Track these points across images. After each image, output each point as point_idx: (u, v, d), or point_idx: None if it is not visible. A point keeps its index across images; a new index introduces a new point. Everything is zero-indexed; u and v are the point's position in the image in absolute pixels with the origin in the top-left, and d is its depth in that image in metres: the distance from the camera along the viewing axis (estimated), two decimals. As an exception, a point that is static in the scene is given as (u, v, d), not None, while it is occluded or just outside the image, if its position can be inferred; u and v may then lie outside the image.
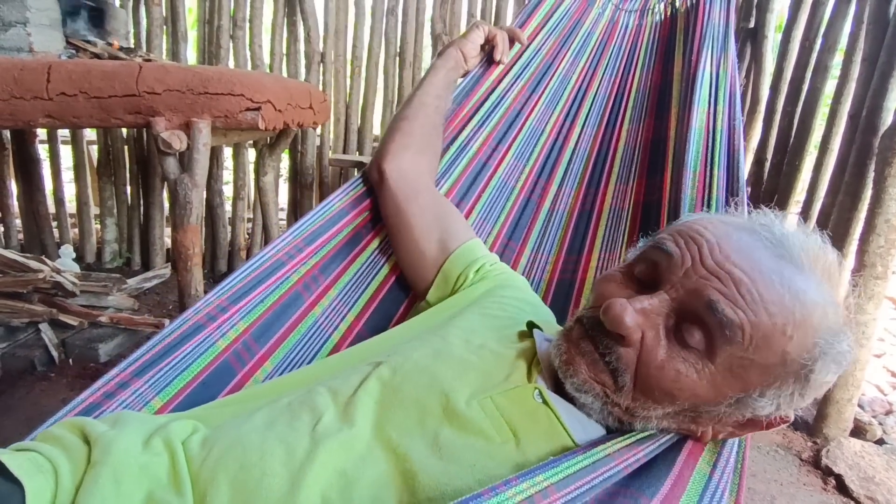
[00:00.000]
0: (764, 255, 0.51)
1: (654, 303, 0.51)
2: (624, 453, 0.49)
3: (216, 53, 2.64)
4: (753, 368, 0.49)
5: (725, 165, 0.95)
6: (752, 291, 0.48)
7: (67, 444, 0.51)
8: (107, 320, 1.89)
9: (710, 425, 0.54)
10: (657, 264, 0.54)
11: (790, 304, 0.48)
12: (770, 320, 0.47)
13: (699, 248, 0.51)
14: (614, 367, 0.52)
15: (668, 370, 0.50)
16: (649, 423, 0.54)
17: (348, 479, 0.49)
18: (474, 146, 1.09)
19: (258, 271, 0.79)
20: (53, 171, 2.82)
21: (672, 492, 0.49)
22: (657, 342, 0.51)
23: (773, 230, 0.53)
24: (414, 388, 0.56)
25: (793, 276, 0.49)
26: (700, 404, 0.51)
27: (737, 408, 0.51)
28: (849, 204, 1.57)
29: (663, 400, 0.51)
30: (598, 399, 0.54)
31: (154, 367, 0.67)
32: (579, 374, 0.54)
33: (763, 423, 0.52)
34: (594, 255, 1.05)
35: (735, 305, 0.48)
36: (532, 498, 0.40)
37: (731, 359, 0.49)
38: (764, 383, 0.49)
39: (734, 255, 0.50)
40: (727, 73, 1.10)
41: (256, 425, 0.54)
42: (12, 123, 1.44)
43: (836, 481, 1.49)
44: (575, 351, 0.54)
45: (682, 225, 0.56)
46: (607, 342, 0.52)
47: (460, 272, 0.84)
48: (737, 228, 0.54)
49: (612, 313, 0.50)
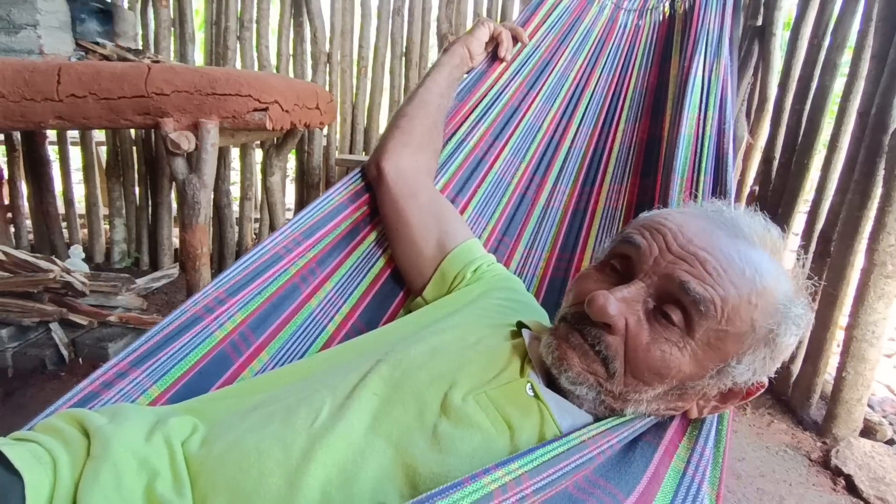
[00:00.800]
0: (720, 235, 0.56)
1: (633, 291, 0.55)
2: (598, 440, 0.52)
3: (223, 54, 2.65)
4: (728, 339, 0.54)
5: (713, 171, 0.97)
6: (717, 268, 0.53)
7: (67, 436, 0.51)
8: (116, 320, 1.90)
9: (696, 401, 0.58)
10: (628, 257, 0.58)
11: (750, 275, 0.53)
12: (737, 292, 0.53)
13: (663, 236, 0.56)
14: (604, 355, 0.55)
15: (655, 351, 0.54)
16: (640, 407, 0.57)
17: (348, 474, 0.50)
18: (472, 141, 1.10)
19: (257, 264, 0.81)
20: (63, 173, 2.85)
21: (648, 489, 0.52)
22: (640, 327, 0.55)
23: (723, 214, 0.60)
24: (413, 384, 0.58)
25: (748, 251, 0.55)
26: (686, 380, 0.55)
27: (718, 378, 0.56)
28: (858, 202, 1.56)
29: (653, 380, 0.55)
30: (593, 389, 0.57)
31: (152, 356, 0.68)
32: (573, 368, 0.56)
33: (743, 391, 0.57)
34: (587, 255, 1.06)
35: (704, 283, 0.53)
36: (505, 485, 0.42)
37: (709, 332, 0.53)
38: (739, 351, 0.54)
39: (695, 238, 0.55)
40: (719, 79, 1.10)
41: (253, 424, 0.55)
42: (23, 125, 1.46)
43: (846, 482, 1.48)
44: (566, 345, 0.57)
45: (645, 219, 0.61)
46: (595, 333, 0.56)
47: (458, 272, 0.85)
48: (693, 216, 0.59)
49: (597, 304, 0.54)
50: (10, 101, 1.41)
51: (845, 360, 1.60)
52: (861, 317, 1.55)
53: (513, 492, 0.42)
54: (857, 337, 1.57)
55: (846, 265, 1.61)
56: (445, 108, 1.03)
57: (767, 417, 1.77)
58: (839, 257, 1.62)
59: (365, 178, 0.97)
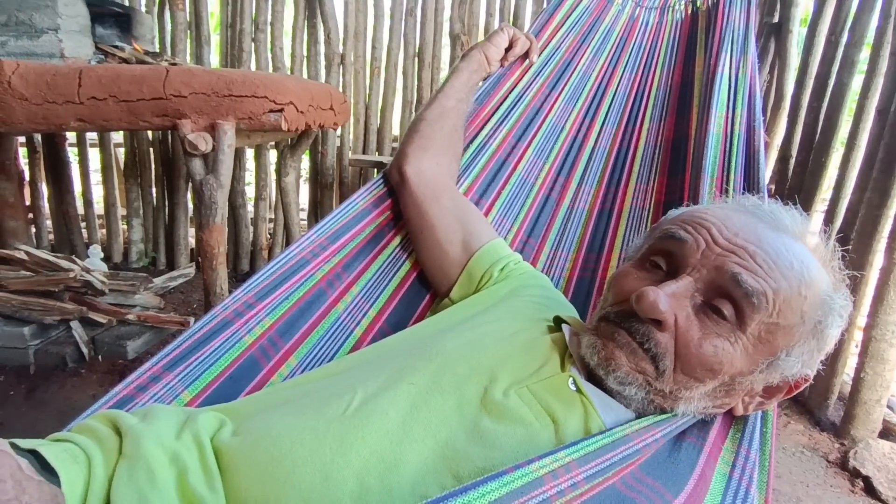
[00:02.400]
0: (764, 228, 0.56)
1: (682, 285, 0.54)
2: (641, 433, 0.51)
3: (238, 56, 2.68)
4: (779, 332, 0.53)
5: (743, 169, 0.96)
6: (767, 261, 0.53)
7: (101, 435, 0.52)
8: (134, 318, 1.93)
9: (742, 397, 0.57)
10: (671, 253, 0.57)
11: (798, 268, 0.53)
12: (787, 284, 0.52)
13: (708, 230, 0.56)
14: (653, 353, 0.54)
15: (707, 346, 0.53)
16: (691, 405, 0.56)
17: (387, 464, 0.49)
18: (494, 143, 1.10)
19: (283, 269, 0.81)
20: (82, 174, 2.90)
21: (696, 490, 0.51)
22: (690, 322, 0.54)
23: (762, 208, 0.59)
24: (452, 377, 0.57)
25: (793, 244, 0.55)
26: (736, 375, 0.54)
27: (768, 372, 0.55)
28: (877, 201, 1.54)
29: (705, 377, 0.54)
30: (642, 389, 0.56)
31: (184, 361, 0.69)
32: (621, 367, 0.55)
33: (789, 384, 0.56)
34: (614, 254, 1.05)
35: (756, 275, 0.52)
36: (555, 471, 0.42)
37: (760, 326, 0.53)
38: (789, 344, 0.54)
39: (741, 232, 0.55)
40: (746, 76, 1.09)
41: (284, 415, 0.55)
42: (45, 127, 1.49)
43: (864, 483, 1.46)
44: (612, 345, 0.56)
45: (682, 215, 0.60)
46: (644, 330, 0.54)
47: (485, 271, 0.85)
48: (733, 210, 0.59)
49: (647, 301, 0.52)
50: (33, 103, 1.45)
51: (864, 361, 1.58)
52: (880, 317, 1.53)
53: (563, 478, 0.42)
54: (875, 337, 1.55)
55: (865, 264, 1.58)
56: (464, 112, 1.03)
57: (784, 418, 1.75)
58: (858, 256, 1.60)
59: (386, 184, 0.97)
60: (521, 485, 0.39)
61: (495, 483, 0.39)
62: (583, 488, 0.43)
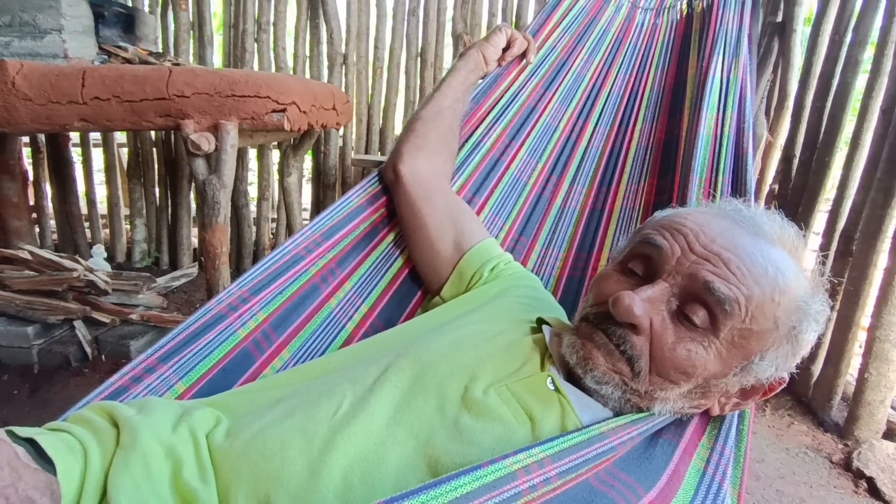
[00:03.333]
0: (742, 234, 0.57)
1: (657, 291, 0.55)
2: (618, 431, 0.52)
3: (241, 56, 2.69)
4: (752, 337, 0.54)
5: (731, 171, 0.97)
6: (741, 268, 0.54)
7: (97, 426, 0.53)
8: (137, 318, 1.94)
9: (717, 398, 0.59)
10: (649, 258, 0.59)
11: (773, 274, 0.54)
12: (760, 290, 0.53)
13: (685, 237, 0.57)
14: (629, 354, 0.56)
15: (680, 350, 0.54)
16: (667, 405, 0.57)
17: (370, 464, 0.51)
18: (488, 142, 1.11)
19: (278, 264, 0.82)
20: (85, 174, 2.91)
21: (668, 485, 0.52)
22: (665, 326, 0.55)
23: (742, 213, 0.60)
24: (434, 377, 0.58)
25: (769, 250, 0.56)
26: (710, 378, 0.56)
27: (742, 375, 0.56)
28: (881, 201, 1.53)
29: (679, 379, 0.55)
30: (618, 388, 0.57)
31: (178, 353, 0.70)
32: (598, 367, 0.57)
33: (764, 387, 0.58)
34: (604, 254, 1.06)
35: (728, 282, 0.53)
36: (528, 467, 0.43)
37: (733, 331, 0.54)
38: (763, 348, 0.55)
39: (717, 238, 0.56)
40: (738, 78, 1.10)
41: (276, 416, 0.56)
42: (49, 127, 1.49)
43: (868, 484, 1.46)
44: (591, 345, 0.58)
45: (663, 220, 0.61)
46: (620, 332, 0.56)
47: (475, 271, 0.86)
48: (713, 215, 0.60)
49: (623, 305, 0.54)
50: (37, 104, 1.45)
51: (867, 361, 1.57)
52: (884, 317, 1.53)
53: (536, 473, 0.42)
54: (879, 337, 1.54)
55: (869, 264, 1.58)
56: (461, 111, 1.04)
57: (787, 419, 1.74)
58: (861, 256, 1.59)
59: (381, 181, 0.98)
60: (494, 479, 0.40)
61: (469, 477, 0.40)
62: (555, 483, 0.43)
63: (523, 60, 1.17)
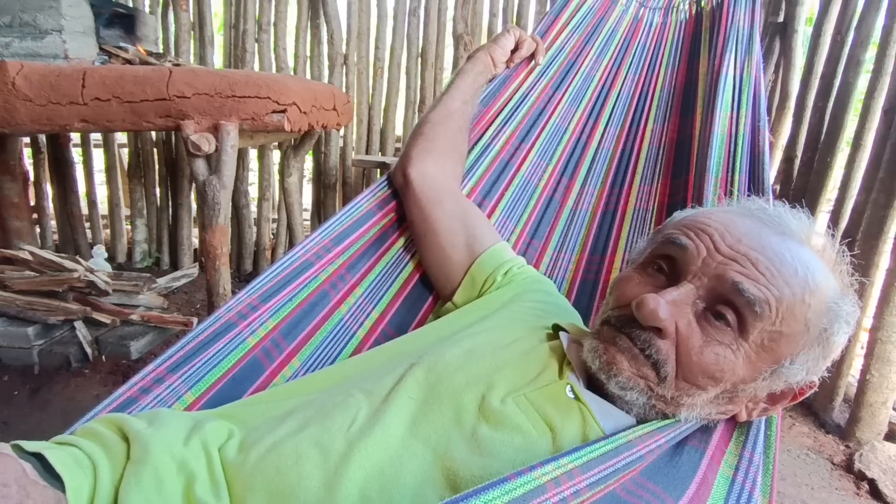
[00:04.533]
0: (769, 234, 0.54)
1: (682, 293, 0.53)
2: (645, 439, 0.50)
3: (241, 57, 2.69)
4: (782, 340, 0.52)
5: (748, 170, 0.95)
6: (770, 268, 0.51)
7: (106, 440, 0.52)
8: (138, 318, 1.94)
9: (745, 403, 0.57)
10: (673, 259, 0.57)
11: (803, 274, 0.52)
12: (791, 291, 0.51)
13: (710, 236, 0.55)
14: (655, 359, 0.53)
15: (708, 354, 0.52)
16: (693, 411, 0.55)
17: (387, 478, 0.49)
18: (497, 145, 1.09)
19: (287, 271, 0.81)
20: (86, 174, 2.91)
21: (697, 494, 0.50)
22: (691, 330, 0.53)
23: (768, 212, 0.58)
24: (449, 387, 0.57)
25: (798, 249, 0.54)
26: (738, 383, 0.53)
27: (771, 380, 0.54)
28: (883, 201, 1.53)
29: (707, 384, 0.53)
30: (643, 394, 0.55)
31: (187, 363, 0.69)
32: (623, 372, 0.55)
33: (794, 391, 0.55)
34: (618, 256, 1.04)
35: (758, 283, 0.51)
36: (558, 479, 0.41)
37: (763, 334, 0.52)
38: (793, 352, 0.53)
39: (744, 238, 0.54)
40: (751, 76, 1.08)
41: (290, 429, 0.55)
42: (49, 128, 1.49)
43: (870, 486, 1.45)
44: (614, 349, 0.55)
45: (685, 220, 0.59)
46: (645, 337, 0.54)
47: (488, 275, 0.84)
48: (738, 214, 0.58)
49: (648, 308, 0.52)
50: (37, 104, 1.45)
51: (869, 363, 1.57)
52: (886, 318, 1.52)
53: (566, 485, 0.41)
54: (881, 339, 1.54)
55: (870, 265, 1.57)
56: (470, 114, 1.02)
57: (789, 420, 1.74)
58: (863, 257, 1.59)
59: (390, 185, 0.96)
60: (524, 492, 0.39)
61: (498, 490, 0.38)
62: (585, 495, 0.42)
63: (532, 62, 1.17)
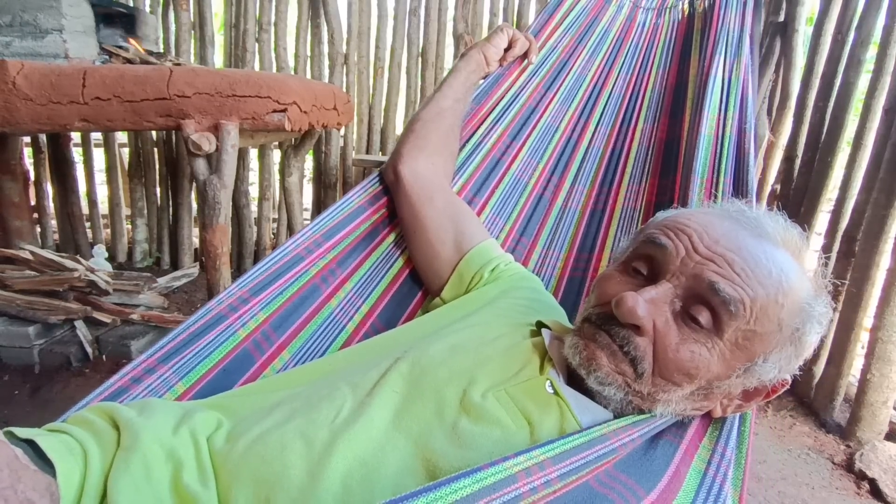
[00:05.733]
0: (746, 236, 0.56)
1: (660, 291, 0.55)
2: (619, 433, 0.52)
3: (242, 56, 2.69)
4: (756, 338, 0.54)
5: (733, 171, 0.96)
6: (745, 269, 0.53)
7: (97, 428, 0.53)
8: (138, 318, 1.94)
9: (720, 400, 0.59)
10: (652, 258, 0.58)
11: (777, 276, 0.54)
12: (765, 292, 0.53)
13: (689, 237, 0.56)
14: (633, 356, 0.55)
15: (684, 352, 0.54)
16: (669, 407, 0.57)
17: (369, 468, 0.51)
18: (489, 143, 1.10)
19: (279, 265, 0.82)
20: (87, 174, 2.91)
21: (669, 487, 0.52)
22: (668, 327, 0.55)
23: (746, 214, 0.60)
24: (432, 381, 0.58)
25: (773, 252, 0.55)
26: (713, 380, 0.55)
27: (745, 377, 0.56)
28: (884, 201, 1.53)
29: (682, 381, 0.55)
30: (621, 390, 0.57)
31: (179, 354, 0.70)
32: (602, 368, 0.56)
33: (767, 389, 0.57)
34: (605, 255, 1.06)
35: (733, 283, 0.53)
36: (529, 469, 0.42)
37: (737, 332, 0.54)
38: (766, 350, 0.55)
39: (722, 239, 0.55)
40: (739, 79, 1.09)
41: (277, 420, 0.56)
42: (50, 127, 1.49)
43: (870, 486, 1.45)
44: (594, 346, 0.57)
45: (666, 220, 0.60)
46: (623, 334, 0.56)
47: (475, 272, 0.85)
48: (717, 216, 0.59)
49: (626, 306, 0.53)
50: (38, 104, 1.45)
51: (870, 362, 1.57)
52: (886, 318, 1.52)
53: (537, 475, 0.42)
54: (882, 338, 1.54)
55: (871, 265, 1.57)
56: (461, 112, 1.03)
57: (789, 420, 1.74)
58: (864, 257, 1.59)
59: (381, 182, 0.98)
60: (494, 481, 0.40)
61: (469, 479, 0.40)
62: (556, 486, 0.43)
63: (525, 61, 1.17)
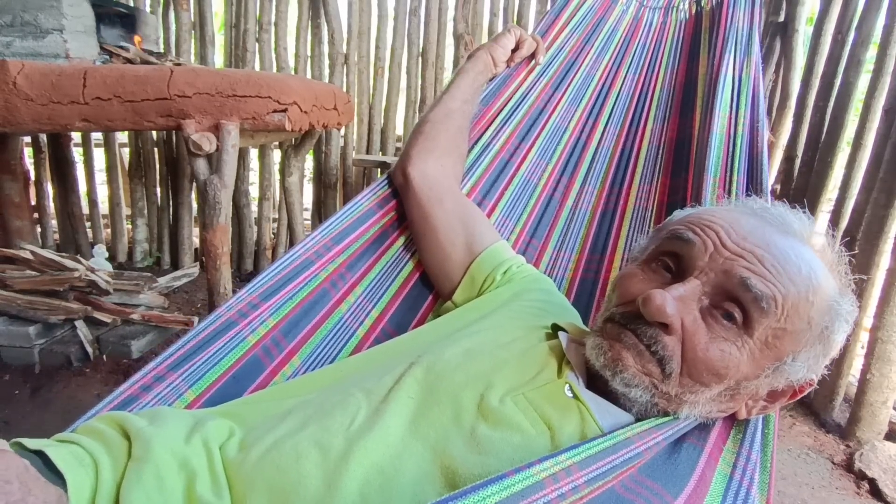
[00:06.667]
0: (773, 232, 0.55)
1: (689, 288, 0.53)
2: (643, 436, 0.51)
3: (242, 56, 2.69)
4: (786, 337, 0.53)
5: (746, 170, 0.95)
6: (776, 266, 0.52)
7: (108, 438, 0.52)
8: (138, 318, 1.94)
9: (745, 401, 0.57)
10: (678, 255, 0.57)
11: (806, 273, 0.53)
12: (796, 289, 0.52)
13: (716, 233, 0.55)
14: (660, 355, 0.53)
15: (714, 351, 0.52)
16: (696, 409, 0.55)
17: (387, 476, 0.49)
18: (497, 144, 1.10)
19: (288, 269, 0.81)
20: (87, 174, 2.91)
21: (695, 492, 0.51)
22: (697, 326, 0.53)
23: (770, 211, 0.59)
24: (449, 386, 0.57)
25: (801, 248, 0.54)
26: (741, 380, 0.54)
27: (773, 377, 0.54)
28: (884, 201, 1.53)
29: (711, 381, 0.53)
30: (647, 391, 0.55)
31: (188, 361, 0.69)
32: (628, 369, 0.54)
33: (794, 389, 0.56)
34: (617, 255, 1.04)
35: (765, 280, 0.51)
36: (556, 475, 0.42)
37: (767, 331, 0.52)
38: (796, 349, 0.53)
39: (749, 235, 0.54)
40: (750, 76, 1.09)
41: (290, 427, 0.55)
42: (50, 127, 1.49)
43: (870, 486, 1.45)
44: (619, 346, 0.55)
45: (690, 216, 0.59)
46: (651, 333, 0.54)
47: (487, 274, 0.84)
48: (741, 213, 0.58)
49: (654, 304, 0.52)
50: (38, 104, 1.45)
51: (870, 362, 1.57)
52: (886, 318, 1.52)
53: (564, 481, 0.41)
54: (882, 338, 1.54)
55: (871, 265, 1.57)
56: (470, 113, 1.02)
57: (789, 419, 1.74)
58: (864, 257, 1.59)
59: (391, 184, 0.97)
60: (522, 488, 0.39)
61: (495, 486, 0.38)
62: (583, 491, 0.42)
63: (532, 62, 1.17)
